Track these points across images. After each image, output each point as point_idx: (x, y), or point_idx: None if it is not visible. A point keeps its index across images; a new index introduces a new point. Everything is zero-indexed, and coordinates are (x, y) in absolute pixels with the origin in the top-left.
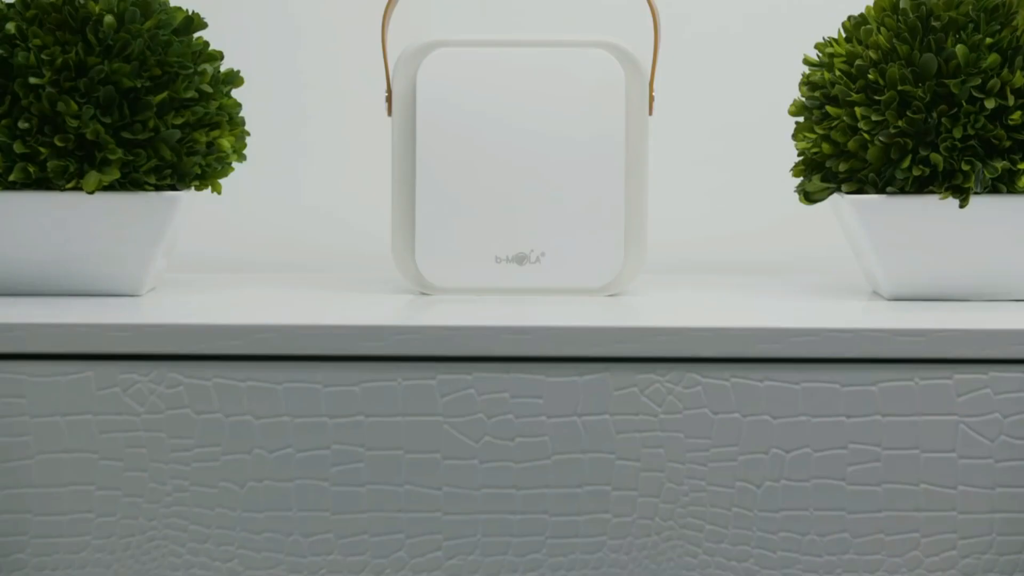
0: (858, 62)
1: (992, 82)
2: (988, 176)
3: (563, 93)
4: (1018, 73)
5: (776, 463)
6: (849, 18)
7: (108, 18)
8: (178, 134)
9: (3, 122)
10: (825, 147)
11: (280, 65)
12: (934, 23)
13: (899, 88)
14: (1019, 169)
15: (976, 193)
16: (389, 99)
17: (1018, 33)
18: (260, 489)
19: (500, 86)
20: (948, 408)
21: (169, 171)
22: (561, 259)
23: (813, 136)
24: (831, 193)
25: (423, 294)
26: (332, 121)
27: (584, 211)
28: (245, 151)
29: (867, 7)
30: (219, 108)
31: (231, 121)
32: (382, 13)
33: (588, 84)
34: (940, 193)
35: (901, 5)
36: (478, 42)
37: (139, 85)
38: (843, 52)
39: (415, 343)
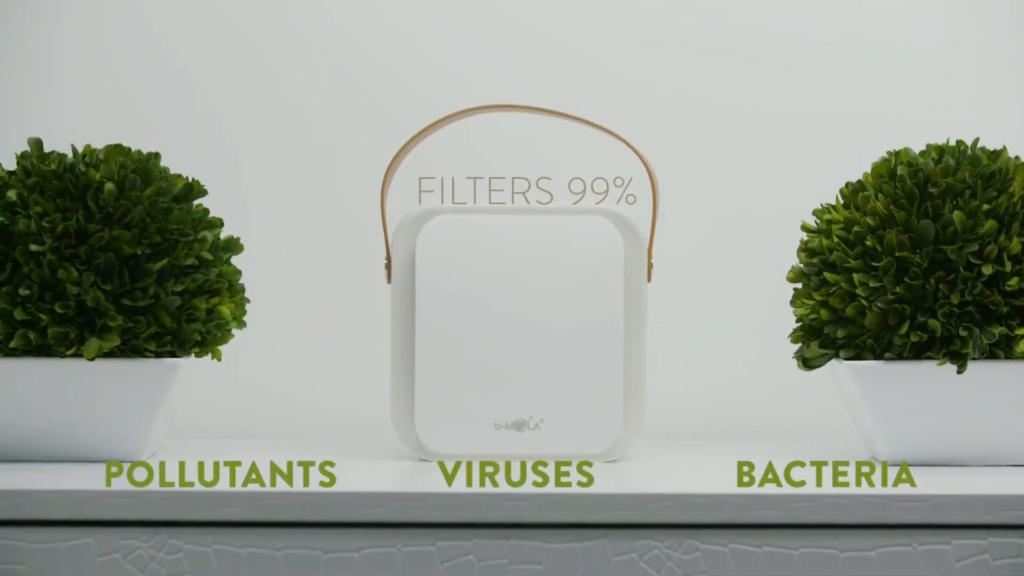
0: (856, 228)
1: (989, 248)
2: (986, 342)
3: (562, 260)
4: (1015, 239)
5: None
6: (847, 184)
7: (108, 186)
8: (178, 301)
9: (4, 289)
10: (823, 313)
11: (280, 232)
12: (931, 189)
13: (897, 254)
14: (1017, 335)
15: (974, 359)
16: (388, 266)
17: (1015, 199)
18: None
19: (499, 253)
20: (946, 573)
21: (169, 338)
22: (560, 425)
23: (811, 302)
24: (829, 359)
25: (423, 460)
26: (332, 288)
27: (583, 378)
28: (245, 318)
29: (864, 174)
30: (219, 275)
31: (231, 288)
32: (381, 181)
33: (587, 251)
34: (938, 359)
35: (899, 172)
36: (477, 209)
37: (139, 252)
38: (841, 218)
39: (415, 510)
